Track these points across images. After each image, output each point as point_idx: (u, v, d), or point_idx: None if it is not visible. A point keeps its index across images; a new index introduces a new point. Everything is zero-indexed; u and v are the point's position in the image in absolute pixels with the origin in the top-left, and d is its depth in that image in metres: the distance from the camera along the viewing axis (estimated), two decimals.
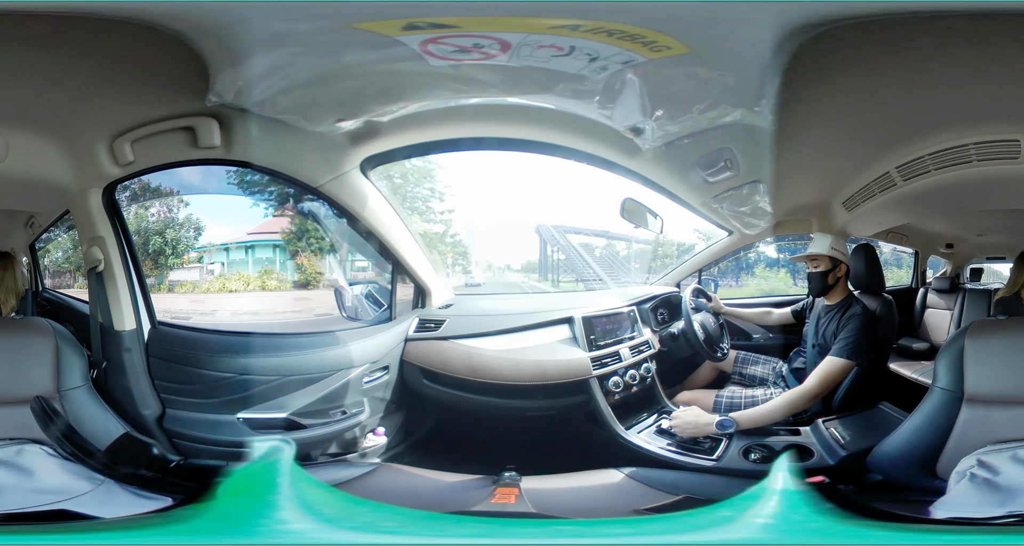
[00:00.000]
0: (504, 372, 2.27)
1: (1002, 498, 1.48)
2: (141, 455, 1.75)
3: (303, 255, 2.89)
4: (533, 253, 3.62)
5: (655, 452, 2.14)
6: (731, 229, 2.83)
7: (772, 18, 1.45)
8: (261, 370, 2.14)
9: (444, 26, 1.46)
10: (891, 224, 2.83)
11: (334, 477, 1.90)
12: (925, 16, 1.48)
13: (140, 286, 2.12)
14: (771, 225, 2.57)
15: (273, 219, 2.80)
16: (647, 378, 2.42)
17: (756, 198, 2.44)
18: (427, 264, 2.49)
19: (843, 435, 2.07)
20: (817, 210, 2.54)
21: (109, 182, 2.08)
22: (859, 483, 1.83)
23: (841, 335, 2.21)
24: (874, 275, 2.35)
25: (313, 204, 2.60)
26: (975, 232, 3.07)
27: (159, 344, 2.12)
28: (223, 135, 1.97)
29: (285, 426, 2.10)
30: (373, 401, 2.28)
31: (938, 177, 2.09)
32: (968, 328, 1.75)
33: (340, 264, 2.93)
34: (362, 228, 2.32)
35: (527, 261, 3.61)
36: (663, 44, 1.54)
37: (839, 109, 1.94)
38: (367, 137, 2.10)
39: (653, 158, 2.25)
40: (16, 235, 2.59)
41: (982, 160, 1.98)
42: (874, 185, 2.29)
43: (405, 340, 2.37)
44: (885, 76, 1.75)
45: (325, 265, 2.92)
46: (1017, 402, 1.65)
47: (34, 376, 1.78)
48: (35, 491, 1.59)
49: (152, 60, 1.69)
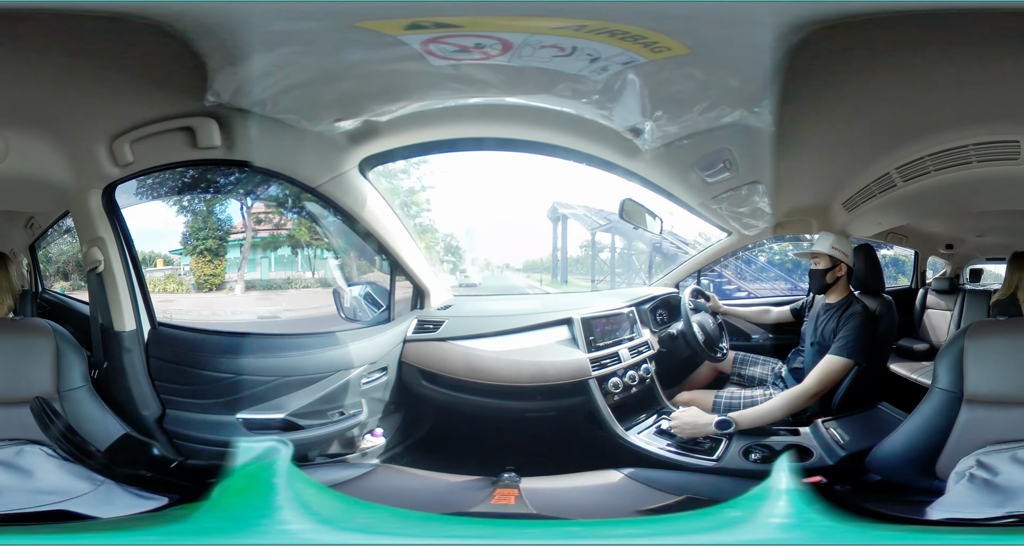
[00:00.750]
0: (503, 373, 2.27)
1: (1001, 499, 1.48)
2: (141, 456, 1.74)
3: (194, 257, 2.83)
4: (532, 253, 3.59)
5: (655, 453, 2.13)
6: (730, 230, 2.83)
7: (772, 19, 1.45)
8: (260, 371, 2.14)
9: (448, 26, 1.46)
10: (891, 225, 2.83)
11: (333, 478, 1.89)
12: (924, 16, 1.48)
13: (140, 287, 2.12)
14: (771, 226, 2.57)
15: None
16: (646, 379, 2.42)
17: (755, 199, 2.44)
18: (426, 265, 2.49)
19: (842, 435, 2.07)
20: (817, 211, 2.54)
21: (109, 183, 2.08)
22: (858, 483, 1.83)
23: (841, 334, 2.21)
24: (874, 276, 2.35)
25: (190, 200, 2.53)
26: (975, 233, 3.07)
27: (159, 345, 2.12)
28: (222, 135, 1.97)
29: (283, 427, 2.10)
30: (371, 402, 2.28)
31: (938, 178, 2.09)
32: (968, 329, 1.75)
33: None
34: (361, 228, 2.33)
35: (528, 260, 3.58)
36: (663, 45, 1.54)
37: (839, 110, 1.94)
38: (366, 137, 2.10)
39: (652, 159, 2.25)
40: (16, 236, 2.59)
41: (982, 161, 1.98)
42: (874, 186, 2.29)
43: (404, 341, 2.37)
44: (885, 77, 1.75)
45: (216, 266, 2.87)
46: (1017, 403, 1.65)
47: (34, 377, 1.78)
48: (35, 492, 1.59)
49: (151, 60, 1.69)
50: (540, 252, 3.63)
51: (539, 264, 3.60)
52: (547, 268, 3.58)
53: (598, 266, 3.50)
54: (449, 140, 2.20)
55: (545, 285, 3.51)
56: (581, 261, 3.57)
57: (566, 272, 3.54)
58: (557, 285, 3.52)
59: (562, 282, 3.51)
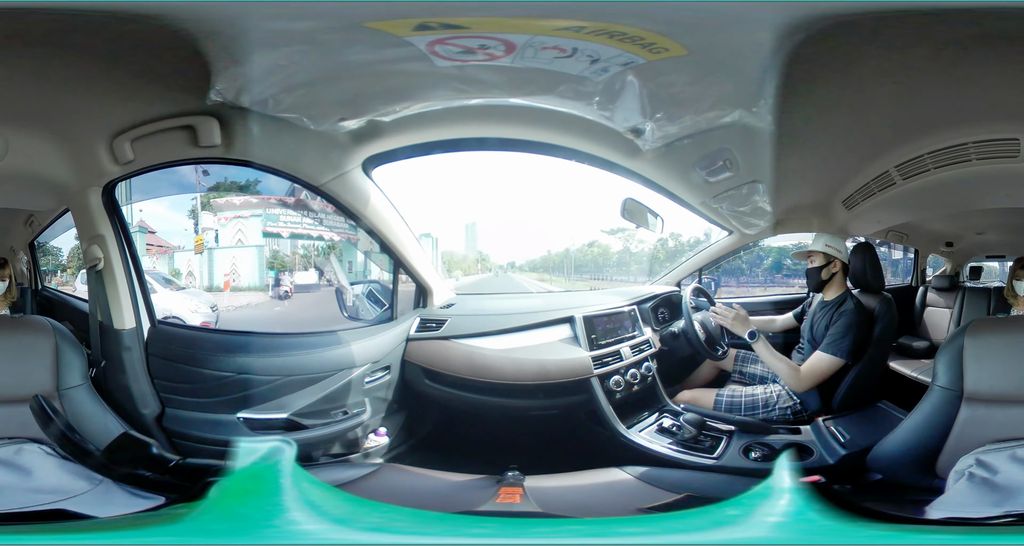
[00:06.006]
0: (506, 372, 2.27)
1: (1000, 497, 1.48)
2: (140, 455, 1.73)
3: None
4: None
5: (657, 451, 2.14)
6: (731, 229, 2.83)
7: (770, 19, 1.46)
8: (261, 370, 2.13)
9: (456, 26, 1.46)
10: (891, 223, 2.84)
11: (336, 477, 1.89)
12: (923, 15, 1.49)
13: (140, 285, 2.11)
14: (771, 224, 2.58)
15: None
16: (648, 377, 2.42)
17: (755, 198, 2.45)
18: (428, 264, 2.49)
19: (843, 434, 2.08)
20: (817, 209, 2.55)
21: (109, 181, 2.07)
22: (858, 482, 1.84)
23: (831, 331, 2.24)
24: (873, 274, 2.36)
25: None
26: (975, 230, 3.07)
27: (159, 343, 2.11)
28: (223, 134, 1.96)
29: (286, 426, 2.10)
30: (375, 401, 2.27)
31: (937, 176, 2.10)
32: (968, 326, 1.75)
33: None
34: (364, 227, 2.32)
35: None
36: (662, 45, 1.54)
37: (838, 108, 1.95)
38: (369, 136, 2.09)
39: (653, 159, 2.25)
40: (15, 233, 2.58)
41: (981, 159, 1.99)
42: (873, 184, 2.30)
43: (407, 340, 2.36)
44: (884, 75, 1.76)
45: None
46: (1016, 401, 1.65)
47: (33, 375, 1.77)
48: (33, 490, 1.58)
49: (152, 58, 1.68)
50: (542, 251, 3.60)
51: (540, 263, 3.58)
52: (550, 267, 3.56)
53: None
54: (452, 140, 2.19)
55: (548, 284, 3.49)
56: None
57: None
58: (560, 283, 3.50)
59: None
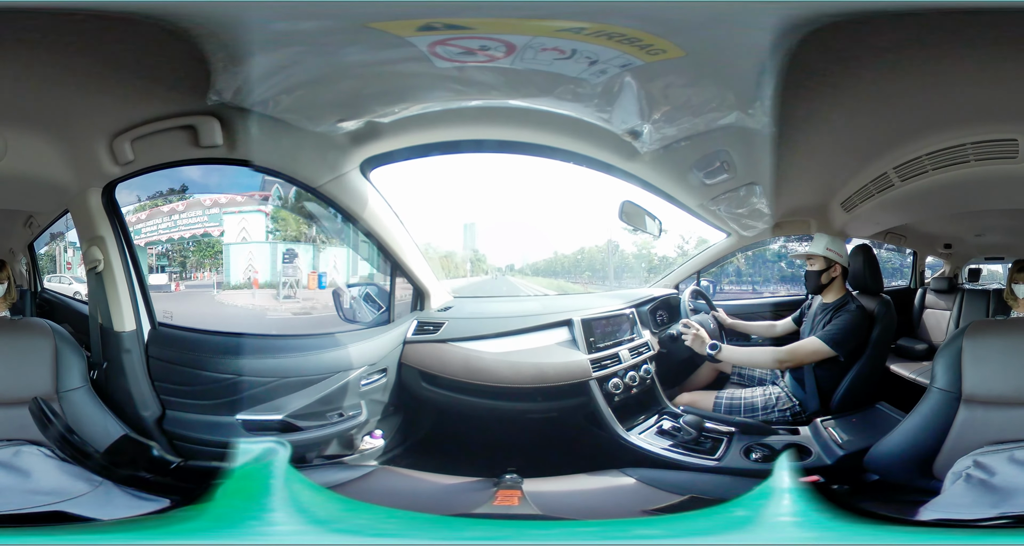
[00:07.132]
0: (503, 375, 2.26)
1: (997, 499, 1.48)
2: (140, 457, 1.74)
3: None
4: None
5: (656, 453, 2.14)
6: (729, 231, 2.83)
7: (767, 20, 1.46)
8: (260, 372, 2.13)
9: (459, 27, 1.46)
10: (889, 225, 2.84)
11: (331, 479, 1.89)
12: (922, 16, 1.49)
13: (140, 287, 2.11)
14: (770, 226, 2.58)
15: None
16: (647, 379, 2.42)
17: (753, 200, 2.45)
18: (426, 266, 2.49)
19: (841, 435, 2.08)
20: (816, 211, 2.55)
21: (109, 181, 2.08)
22: (856, 483, 1.83)
23: (831, 324, 2.25)
24: (872, 276, 2.36)
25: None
26: (973, 232, 3.07)
27: (159, 345, 2.11)
28: (224, 134, 1.96)
29: (281, 428, 2.09)
30: (371, 403, 2.27)
31: (936, 177, 2.10)
32: (966, 329, 1.75)
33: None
34: (362, 229, 2.32)
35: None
36: (659, 47, 1.55)
37: (836, 110, 1.95)
38: (368, 138, 2.10)
39: (651, 161, 2.25)
40: (15, 235, 2.58)
41: (980, 160, 1.99)
42: (872, 186, 2.30)
43: (404, 342, 2.36)
44: (882, 77, 1.76)
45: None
46: (1015, 403, 1.66)
47: (33, 377, 1.77)
48: (32, 492, 1.58)
49: (152, 58, 1.69)
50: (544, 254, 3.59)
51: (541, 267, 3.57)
52: (548, 271, 3.56)
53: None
54: (450, 142, 2.20)
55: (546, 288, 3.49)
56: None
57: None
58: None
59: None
